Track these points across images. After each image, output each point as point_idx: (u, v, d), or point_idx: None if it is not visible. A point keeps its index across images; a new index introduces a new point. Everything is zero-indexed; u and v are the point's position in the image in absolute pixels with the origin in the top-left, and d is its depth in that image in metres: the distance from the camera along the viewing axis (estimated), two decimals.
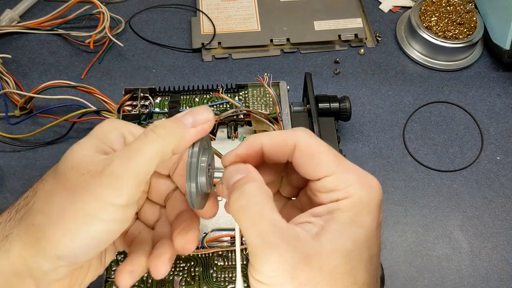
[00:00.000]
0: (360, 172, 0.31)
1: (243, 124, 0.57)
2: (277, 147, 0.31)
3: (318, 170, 0.30)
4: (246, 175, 0.30)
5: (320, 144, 0.31)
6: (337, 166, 0.30)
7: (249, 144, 0.32)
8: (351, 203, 0.29)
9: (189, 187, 0.31)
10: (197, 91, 0.57)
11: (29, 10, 0.73)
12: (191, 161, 0.31)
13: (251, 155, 0.32)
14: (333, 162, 0.30)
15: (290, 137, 0.31)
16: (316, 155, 0.30)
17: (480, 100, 0.66)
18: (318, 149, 0.31)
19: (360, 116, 0.65)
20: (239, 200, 0.29)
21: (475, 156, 0.62)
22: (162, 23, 0.74)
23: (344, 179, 0.30)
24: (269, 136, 0.32)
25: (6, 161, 0.60)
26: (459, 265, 0.54)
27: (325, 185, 0.30)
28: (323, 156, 0.30)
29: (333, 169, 0.30)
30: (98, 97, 0.60)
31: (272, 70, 0.68)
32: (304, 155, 0.31)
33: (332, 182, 0.30)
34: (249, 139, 0.32)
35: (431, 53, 0.69)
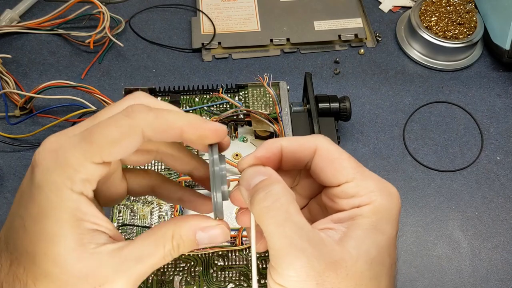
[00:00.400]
0: (379, 179, 0.31)
1: (243, 124, 0.57)
2: (297, 151, 0.31)
3: (339, 175, 0.30)
4: (269, 177, 0.29)
5: (341, 150, 0.31)
6: (357, 172, 0.30)
7: (269, 147, 0.31)
8: (373, 210, 0.29)
9: (215, 198, 0.30)
10: (197, 91, 0.57)
11: (29, 10, 0.73)
12: (214, 170, 0.30)
13: (270, 158, 0.31)
14: (353, 169, 0.30)
15: (311, 142, 0.31)
16: (337, 161, 0.30)
17: (480, 100, 0.66)
18: (339, 155, 0.31)
19: (360, 116, 0.65)
20: (264, 201, 0.28)
21: (475, 156, 0.62)
22: (162, 23, 0.74)
23: (365, 185, 0.30)
24: (289, 140, 0.31)
25: (6, 161, 0.60)
26: (459, 265, 0.54)
27: (346, 191, 0.30)
28: (344, 162, 0.30)
29: (353, 175, 0.30)
30: (98, 97, 0.60)
31: (272, 70, 0.68)
32: (325, 160, 0.30)
33: (353, 188, 0.30)
34: (268, 142, 0.31)
35: (431, 53, 0.69)
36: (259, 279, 0.45)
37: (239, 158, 0.54)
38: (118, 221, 0.48)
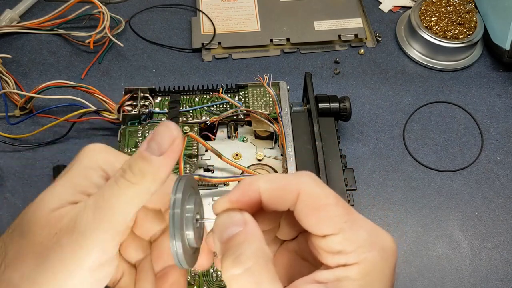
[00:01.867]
0: (372, 230, 0.27)
1: (243, 124, 0.57)
2: (277, 195, 0.27)
3: (324, 226, 0.26)
4: (243, 230, 0.26)
5: (327, 194, 0.27)
6: (345, 222, 0.26)
7: (244, 189, 0.27)
8: (362, 271, 0.25)
9: (174, 247, 0.26)
10: (197, 91, 0.57)
11: (29, 10, 0.73)
12: (174, 212, 0.26)
13: (246, 202, 0.27)
14: (341, 217, 0.26)
15: (293, 184, 0.27)
16: (322, 208, 0.26)
17: (480, 100, 0.66)
18: (324, 201, 0.27)
19: (360, 116, 0.65)
20: (233, 267, 0.25)
21: (475, 156, 0.62)
22: (162, 23, 0.74)
23: (353, 239, 0.26)
24: (268, 180, 0.27)
25: (6, 161, 0.60)
26: (459, 265, 0.54)
27: (331, 245, 0.26)
28: (330, 209, 0.26)
29: (340, 225, 0.26)
30: (98, 97, 0.60)
31: (272, 70, 0.68)
32: (308, 207, 0.27)
33: (339, 242, 0.26)
34: (245, 183, 0.27)
35: (431, 53, 0.69)
36: None
37: (239, 158, 0.54)
38: None
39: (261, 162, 0.54)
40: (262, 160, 0.54)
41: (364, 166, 0.61)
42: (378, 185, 0.59)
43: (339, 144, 0.55)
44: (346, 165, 0.56)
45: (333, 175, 0.53)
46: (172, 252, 0.26)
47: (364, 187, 0.59)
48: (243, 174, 0.51)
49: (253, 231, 0.26)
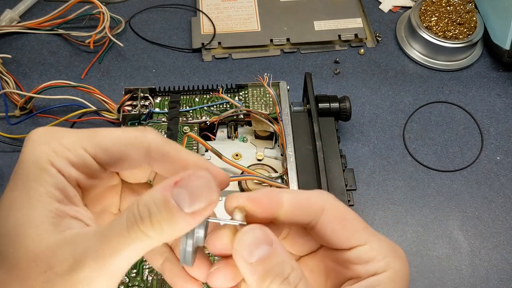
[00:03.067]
0: (390, 242, 0.28)
1: (243, 124, 0.57)
2: (301, 207, 0.27)
3: (352, 238, 0.27)
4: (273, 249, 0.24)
5: (349, 210, 0.28)
6: (370, 235, 0.27)
7: (268, 195, 0.26)
8: (391, 277, 0.27)
9: (184, 244, 0.25)
10: (197, 91, 0.57)
11: (29, 10, 0.73)
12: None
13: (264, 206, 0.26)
14: (365, 230, 0.28)
15: (317, 198, 0.27)
16: (349, 222, 0.27)
17: (480, 100, 0.66)
18: (349, 215, 0.28)
19: (360, 116, 0.65)
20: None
21: (475, 156, 0.62)
22: (162, 23, 0.74)
23: (380, 248, 0.27)
24: (292, 192, 0.27)
25: (6, 161, 0.60)
26: (459, 265, 0.54)
27: (360, 255, 0.27)
28: (356, 223, 0.28)
29: (367, 237, 0.27)
30: (98, 97, 0.60)
31: (272, 70, 0.68)
32: (335, 220, 0.27)
33: (368, 252, 0.27)
34: (269, 190, 0.27)
35: (431, 53, 0.69)
36: None
37: (239, 158, 0.54)
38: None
39: (261, 162, 0.54)
40: (262, 160, 0.54)
41: (364, 166, 0.61)
42: (378, 185, 0.59)
43: (339, 144, 0.55)
44: (346, 165, 0.56)
45: (333, 175, 0.53)
46: (181, 249, 0.25)
47: (364, 187, 0.59)
48: (243, 174, 0.51)
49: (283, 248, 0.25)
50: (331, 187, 0.51)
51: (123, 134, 0.27)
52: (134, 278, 0.46)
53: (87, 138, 0.26)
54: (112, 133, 0.27)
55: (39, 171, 0.25)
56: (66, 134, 0.26)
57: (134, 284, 0.45)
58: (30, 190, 0.24)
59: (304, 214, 0.27)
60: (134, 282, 0.45)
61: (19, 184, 0.25)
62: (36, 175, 0.24)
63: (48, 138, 0.25)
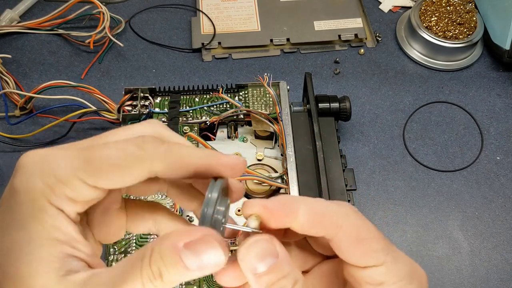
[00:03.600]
0: (409, 263, 0.27)
1: (243, 124, 0.57)
2: (316, 221, 0.26)
3: (367, 258, 0.26)
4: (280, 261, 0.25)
5: (370, 228, 0.27)
6: (387, 255, 0.26)
7: (285, 204, 0.26)
8: None
9: None
10: (197, 91, 0.57)
11: (29, 10, 0.73)
12: (206, 211, 0.25)
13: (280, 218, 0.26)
14: (383, 251, 0.26)
15: (336, 213, 0.26)
16: (367, 242, 0.26)
17: (480, 100, 0.66)
18: (368, 234, 0.27)
19: (360, 116, 0.65)
20: None
21: (475, 156, 0.62)
22: (162, 23, 0.74)
23: (395, 271, 0.26)
24: (310, 203, 0.26)
25: (6, 161, 0.60)
26: (459, 265, 0.54)
27: (374, 276, 0.26)
28: (374, 243, 0.26)
29: (383, 258, 0.26)
30: (98, 97, 0.60)
31: (272, 70, 0.68)
32: (352, 238, 0.26)
33: (382, 274, 0.26)
34: (286, 198, 0.27)
35: (431, 53, 0.69)
36: None
37: None
38: None
39: (261, 162, 0.54)
40: (262, 160, 0.54)
41: (364, 166, 0.61)
42: (378, 185, 0.59)
43: (339, 144, 0.55)
44: (346, 165, 0.56)
45: (333, 175, 0.53)
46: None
47: (364, 187, 0.59)
48: (243, 174, 0.51)
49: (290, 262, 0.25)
50: (331, 187, 0.51)
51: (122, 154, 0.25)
52: None
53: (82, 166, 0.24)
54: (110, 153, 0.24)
55: (37, 211, 0.24)
56: (60, 163, 0.24)
57: None
58: (30, 232, 0.23)
59: (319, 228, 0.26)
60: None
61: (17, 223, 0.24)
62: (35, 216, 0.24)
63: (40, 169, 0.24)
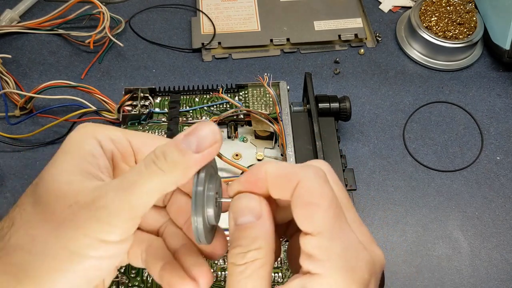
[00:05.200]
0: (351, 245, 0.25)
1: (243, 124, 0.57)
2: (281, 180, 0.27)
3: (307, 223, 0.25)
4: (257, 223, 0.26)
5: (324, 194, 0.26)
6: (327, 229, 0.25)
7: (254, 172, 0.28)
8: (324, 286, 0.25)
9: (195, 222, 0.27)
10: (197, 91, 0.57)
11: (29, 10, 0.73)
12: (197, 190, 0.27)
13: (256, 184, 0.28)
14: (325, 222, 0.25)
15: (296, 173, 0.26)
16: (312, 206, 0.25)
17: (480, 100, 0.66)
18: (317, 199, 0.25)
19: (360, 116, 0.65)
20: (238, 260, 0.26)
21: (475, 156, 0.62)
22: (162, 23, 0.74)
23: (327, 247, 0.25)
24: (275, 166, 0.27)
25: (6, 161, 0.60)
26: (459, 265, 0.54)
27: (307, 245, 0.25)
28: (319, 210, 0.25)
29: (320, 229, 0.25)
30: (98, 97, 0.60)
31: (272, 70, 0.68)
32: (300, 199, 0.26)
33: (314, 246, 0.25)
34: (255, 167, 0.28)
35: (431, 53, 0.69)
36: None
37: (239, 158, 0.54)
38: None
39: (261, 162, 0.54)
40: (262, 160, 0.54)
41: (364, 166, 0.61)
42: (378, 185, 0.59)
43: (339, 144, 0.55)
44: (346, 165, 0.56)
45: None
46: (192, 228, 0.27)
47: (364, 187, 0.59)
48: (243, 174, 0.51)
49: (267, 229, 0.27)
50: None
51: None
52: (134, 278, 0.46)
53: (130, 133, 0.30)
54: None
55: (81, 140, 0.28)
56: (113, 129, 0.30)
57: (134, 284, 0.45)
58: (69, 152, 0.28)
59: (282, 189, 0.27)
60: (134, 282, 0.45)
61: (64, 149, 0.28)
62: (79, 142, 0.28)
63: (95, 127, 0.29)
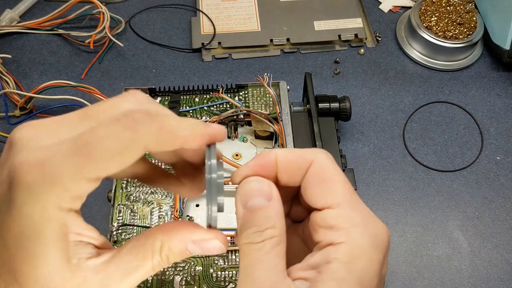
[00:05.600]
0: (368, 216, 0.27)
1: (243, 124, 0.57)
2: (292, 163, 0.27)
3: (325, 197, 0.26)
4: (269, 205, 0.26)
5: (338, 172, 0.27)
6: (346, 201, 0.26)
7: (263, 157, 0.28)
8: (350, 253, 0.25)
9: (210, 211, 0.27)
10: (197, 91, 0.57)
11: (29, 10, 0.73)
12: (211, 177, 0.27)
13: (265, 167, 0.28)
14: (343, 195, 0.26)
15: (308, 155, 0.27)
16: (329, 181, 0.27)
17: (480, 100, 0.66)
18: (333, 175, 0.27)
19: (360, 116, 0.65)
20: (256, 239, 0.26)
21: (475, 156, 0.62)
22: (162, 23, 0.74)
23: (348, 217, 0.26)
24: (285, 150, 0.28)
25: None
26: (459, 265, 0.54)
27: (326, 218, 0.26)
28: (337, 184, 0.27)
29: (340, 201, 0.26)
30: (98, 97, 0.60)
31: (272, 70, 0.68)
32: (316, 177, 0.27)
33: (334, 216, 0.26)
34: (264, 152, 0.28)
35: (431, 53, 0.69)
36: None
37: (239, 158, 0.54)
38: (118, 221, 0.48)
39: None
40: None
41: (364, 166, 0.61)
42: (378, 185, 0.59)
43: (339, 144, 0.55)
44: (346, 165, 0.56)
45: None
46: (207, 215, 0.27)
47: (364, 187, 0.59)
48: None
49: (278, 210, 0.26)
50: None
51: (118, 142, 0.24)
52: None
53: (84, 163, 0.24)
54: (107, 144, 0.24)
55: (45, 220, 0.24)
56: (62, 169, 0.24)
57: None
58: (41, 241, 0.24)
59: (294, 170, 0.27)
60: None
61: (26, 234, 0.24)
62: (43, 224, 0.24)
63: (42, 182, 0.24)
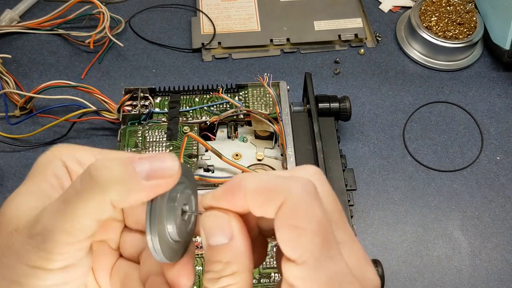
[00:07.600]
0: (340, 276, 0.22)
1: (243, 124, 0.57)
2: (261, 198, 0.23)
3: (291, 249, 0.22)
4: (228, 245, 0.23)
5: (313, 216, 0.22)
6: (312, 258, 0.21)
7: (230, 187, 0.24)
8: None
9: (150, 242, 0.23)
10: (197, 91, 0.57)
11: (29, 10, 0.73)
12: (151, 205, 0.23)
13: (233, 199, 0.24)
14: (310, 251, 0.21)
15: (280, 189, 0.22)
16: (297, 230, 0.22)
17: (480, 100, 0.66)
18: (304, 223, 0.22)
19: (360, 116, 0.65)
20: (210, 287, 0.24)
21: (475, 156, 0.62)
22: (162, 23, 0.74)
23: (310, 279, 0.22)
24: (255, 180, 0.23)
25: (6, 161, 0.60)
26: (459, 265, 0.54)
27: (288, 274, 0.22)
28: (306, 236, 0.22)
29: (305, 258, 0.22)
30: (98, 97, 0.60)
31: (272, 70, 0.68)
32: (286, 220, 0.22)
33: (296, 275, 0.22)
34: (233, 179, 0.24)
35: (431, 53, 0.69)
36: None
37: (239, 158, 0.54)
38: None
39: (261, 162, 0.54)
40: (262, 160, 0.54)
41: (364, 166, 0.61)
42: (378, 185, 0.59)
43: (339, 144, 0.55)
44: (346, 165, 0.56)
45: (333, 175, 0.53)
46: (148, 246, 0.24)
47: (364, 187, 0.59)
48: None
49: (240, 250, 0.23)
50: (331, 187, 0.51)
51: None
52: None
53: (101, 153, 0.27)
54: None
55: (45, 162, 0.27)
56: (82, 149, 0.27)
57: None
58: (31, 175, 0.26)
59: (264, 207, 0.23)
60: None
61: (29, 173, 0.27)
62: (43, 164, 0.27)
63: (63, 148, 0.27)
